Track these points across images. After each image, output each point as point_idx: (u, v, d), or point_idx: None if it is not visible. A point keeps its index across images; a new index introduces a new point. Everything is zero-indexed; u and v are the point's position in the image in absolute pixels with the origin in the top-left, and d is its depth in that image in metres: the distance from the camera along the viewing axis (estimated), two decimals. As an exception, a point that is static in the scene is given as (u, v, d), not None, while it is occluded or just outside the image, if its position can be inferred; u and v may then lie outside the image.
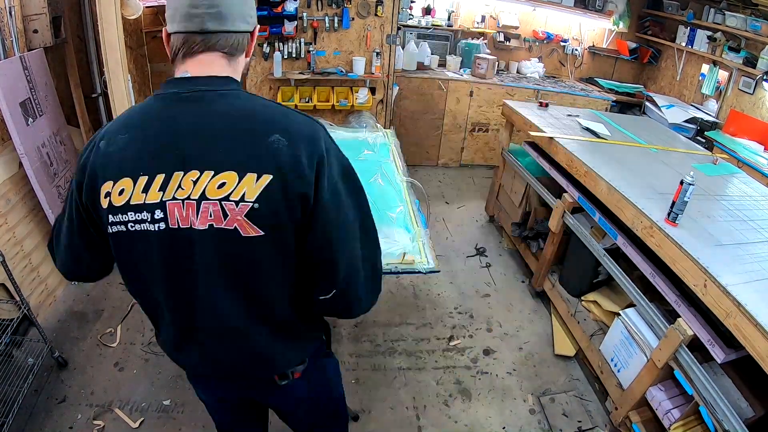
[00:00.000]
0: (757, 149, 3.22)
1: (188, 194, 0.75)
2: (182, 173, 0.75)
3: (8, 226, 2.12)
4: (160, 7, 3.87)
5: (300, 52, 3.42)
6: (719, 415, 1.45)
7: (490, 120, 4.25)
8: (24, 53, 2.21)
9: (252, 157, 0.75)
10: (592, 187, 2.16)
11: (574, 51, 4.60)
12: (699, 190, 1.94)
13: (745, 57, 3.40)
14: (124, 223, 0.78)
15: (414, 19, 4.28)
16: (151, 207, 0.76)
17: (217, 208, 0.75)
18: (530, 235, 2.91)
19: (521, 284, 2.94)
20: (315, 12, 3.32)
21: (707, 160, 2.57)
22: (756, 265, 1.58)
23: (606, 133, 2.67)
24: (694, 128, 3.66)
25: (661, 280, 1.76)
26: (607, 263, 2.07)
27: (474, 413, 2.06)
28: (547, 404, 2.13)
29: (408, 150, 3.97)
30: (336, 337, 2.38)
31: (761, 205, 2.07)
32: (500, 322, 2.61)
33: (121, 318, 2.36)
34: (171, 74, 0.86)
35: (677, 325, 1.60)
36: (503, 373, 2.28)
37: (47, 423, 1.82)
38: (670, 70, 4.36)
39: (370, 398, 2.07)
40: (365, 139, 2.41)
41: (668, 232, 1.68)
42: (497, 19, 4.41)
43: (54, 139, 2.44)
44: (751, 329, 1.32)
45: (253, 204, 0.74)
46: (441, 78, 4.04)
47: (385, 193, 1.93)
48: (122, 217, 0.78)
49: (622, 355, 1.96)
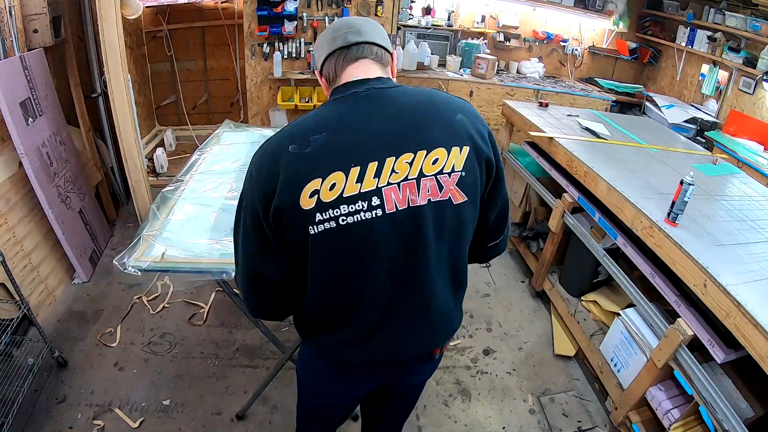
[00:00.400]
0: (757, 149, 3.22)
1: (405, 175, 0.83)
2: (395, 158, 0.82)
3: (8, 226, 2.12)
4: (160, 7, 3.87)
5: (300, 52, 3.43)
6: (719, 415, 1.45)
7: (490, 120, 4.24)
8: (24, 53, 2.22)
9: (451, 134, 0.86)
10: (592, 187, 2.16)
11: (574, 51, 4.59)
12: (699, 190, 1.94)
13: (745, 57, 3.40)
14: (335, 219, 0.82)
15: (414, 19, 4.28)
16: (367, 195, 0.81)
17: (433, 182, 0.84)
18: (530, 235, 2.91)
19: (521, 284, 2.94)
20: (315, 12, 3.32)
21: (707, 160, 2.57)
22: (756, 265, 1.58)
23: (606, 133, 2.67)
24: (694, 128, 3.66)
25: (661, 280, 1.76)
26: (607, 263, 2.07)
27: (474, 413, 2.06)
28: (547, 404, 2.13)
29: (408, 150, 3.98)
30: (336, 337, 2.38)
31: (761, 205, 2.07)
32: (500, 322, 2.61)
33: (121, 318, 2.36)
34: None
35: (677, 325, 1.60)
36: (503, 373, 2.28)
37: (47, 423, 1.82)
38: (670, 70, 4.36)
39: (370, 398, 2.07)
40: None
41: (668, 232, 1.68)
42: (497, 19, 4.41)
43: (54, 139, 2.44)
44: (751, 329, 1.32)
45: (461, 172, 0.86)
46: (441, 78, 4.04)
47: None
48: (333, 212, 0.81)
49: (621, 355, 1.96)
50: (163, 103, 4.27)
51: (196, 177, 1.97)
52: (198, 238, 1.58)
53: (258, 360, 2.19)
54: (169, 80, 4.19)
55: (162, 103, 4.26)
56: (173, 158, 3.89)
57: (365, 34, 0.92)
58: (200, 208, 1.76)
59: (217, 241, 1.57)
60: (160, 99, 4.24)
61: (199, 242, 1.56)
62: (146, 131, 4.03)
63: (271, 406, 1.98)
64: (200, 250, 1.51)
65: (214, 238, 1.58)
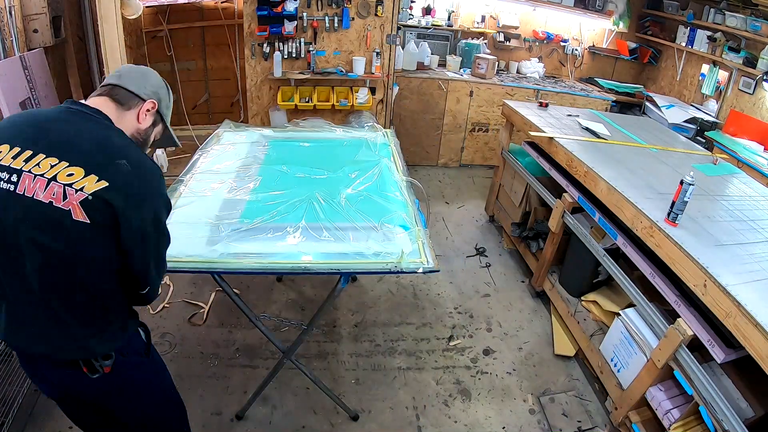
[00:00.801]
0: (757, 149, 3.22)
1: (43, 173, 0.94)
2: (44, 156, 0.95)
3: (8, 226, 2.12)
4: (160, 7, 3.87)
5: (300, 52, 3.42)
6: (719, 415, 1.45)
7: (490, 120, 4.25)
8: (24, 53, 2.22)
9: (99, 165, 0.96)
10: (592, 187, 2.16)
11: (574, 51, 4.59)
12: (699, 190, 1.94)
13: (745, 57, 3.40)
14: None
15: (414, 19, 4.28)
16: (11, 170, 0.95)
17: (61, 190, 0.93)
18: (530, 235, 2.91)
19: (521, 284, 2.94)
20: (315, 12, 3.32)
21: (707, 160, 2.57)
22: (756, 265, 1.58)
23: (606, 133, 2.67)
24: (694, 128, 3.66)
25: (661, 280, 1.76)
26: (607, 263, 2.07)
27: (474, 413, 2.06)
28: (547, 404, 2.13)
29: (408, 150, 3.97)
30: (335, 337, 2.38)
31: (761, 205, 2.07)
32: (500, 322, 2.61)
33: (121, 318, 2.36)
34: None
35: (677, 325, 1.60)
36: (503, 373, 2.28)
37: (47, 423, 1.82)
38: (670, 70, 4.36)
39: (370, 398, 2.07)
40: (365, 139, 2.41)
41: (668, 232, 1.68)
42: (497, 19, 4.41)
43: (54, 139, 2.43)
44: (751, 329, 1.32)
45: (89, 196, 0.94)
46: (441, 78, 4.04)
47: (385, 192, 1.93)
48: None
49: (621, 355, 1.96)
50: (163, 103, 4.27)
51: (197, 177, 1.97)
52: (198, 238, 1.58)
53: (258, 360, 2.19)
54: (169, 80, 4.10)
55: (162, 103, 4.26)
56: (173, 158, 3.88)
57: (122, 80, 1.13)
58: (200, 208, 1.76)
59: (216, 241, 1.56)
60: (160, 99, 4.24)
61: (199, 242, 1.56)
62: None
63: (271, 406, 1.98)
64: (200, 250, 1.51)
65: (213, 237, 1.58)
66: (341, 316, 2.53)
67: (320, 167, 2.07)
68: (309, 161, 2.13)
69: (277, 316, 2.43)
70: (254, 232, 1.60)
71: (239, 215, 1.68)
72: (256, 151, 2.26)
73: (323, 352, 2.28)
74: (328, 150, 2.36)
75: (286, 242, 1.56)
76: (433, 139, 4.29)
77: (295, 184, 1.93)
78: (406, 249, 1.54)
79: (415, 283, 2.82)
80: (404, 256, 1.49)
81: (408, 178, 2.05)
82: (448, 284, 2.86)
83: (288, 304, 2.57)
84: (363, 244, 1.56)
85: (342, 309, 2.57)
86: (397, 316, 2.56)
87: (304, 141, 2.47)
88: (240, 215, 1.69)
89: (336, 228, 1.63)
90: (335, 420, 1.95)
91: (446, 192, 4.00)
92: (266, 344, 2.24)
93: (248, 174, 1.99)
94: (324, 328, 2.42)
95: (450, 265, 3.04)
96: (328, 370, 2.19)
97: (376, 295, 2.71)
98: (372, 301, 2.65)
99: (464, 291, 2.83)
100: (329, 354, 2.28)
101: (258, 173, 2.01)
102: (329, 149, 2.37)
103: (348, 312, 2.56)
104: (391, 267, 1.47)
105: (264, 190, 1.87)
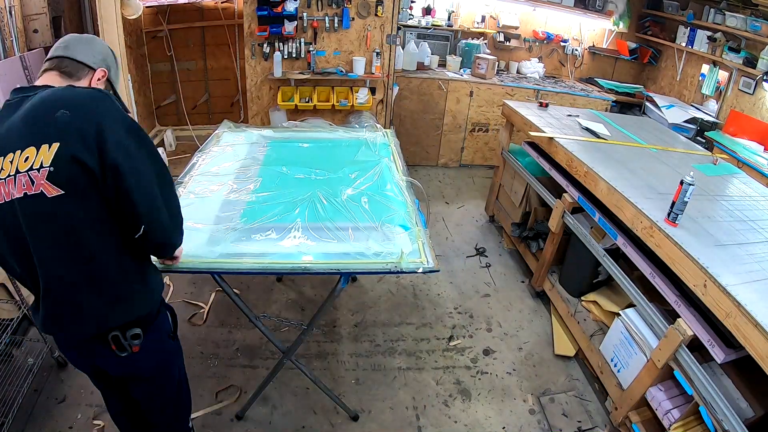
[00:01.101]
0: (757, 149, 3.22)
1: (8, 173, 0.95)
2: (2, 158, 0.96)
3: (8, 226, 2.12)
4: (160, 7, 3.87)
5: (300, 52, 3.42)
6: (719, 415, 1.45)
7: (490, 120, 4.25)
8: (24, 53, 2.22)
9: (43, 132, 0.94)
10: (592, 187, 2.16)
11: (574, 51, 4.59)
12: (699, 190, 1.94)
13: (745, 57, 3.40)
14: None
15: (414, 19, 4.28)
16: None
17: (27, 178, 0.94)
18: (530, 235, 2.91)
19: (521, 284, 2.94)
20: (315, 12, 3.32)
21: (707, 160, 2.57)
22: (756, 265, 1.58)
23: (606, 133, 2.67)
24: (694, 128, 3.66)
25: (661, 280, 1.76)
26: (607, 263, 2.07)
27: (474, 413, 2.06)
28: (547, 404, 2.13)
29: (408, 150, 3.98)
30: (335, 337, 2.38)
31: (761, 205, 2.07)
32: (500, 322, 2.61)
33: (121, 318, 2.36)
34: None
35: (677, 325, 1.60)
36: (503, 373, 2.28)
37: (47, 423, 1.82)
38: (670, 70, 4.36)
39: (370, 398, 2.07)
40: (365, 139, 2.41)
41: (668, 232, 1.68)
42: (497, 19, 4.41)
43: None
44: (751, 329, 1.32)
45: (50, 168, 0.93)
46: (441, 78, 4.04)
47: (385, 192, 1.93)
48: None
49: (621, 355, 1.96)
50: (163, 103, 4.27)
51: (196, 178, 1.97)
52: (198, 239, 1.58)
53: (258, 360, 2.19)
54: (169, 80, 4.19)
55: (162, 103, 4.26)
56: (173, 158, 3.89)
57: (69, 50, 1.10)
58: (200, 208, 1.76)
59: (216, 242, 1.56)
60: (160, 99, 4.24)
61: (199, 242, 1.56)
62: (146, 131, 4.02)
63: (271, 406, 1.98)
64: (200, 251, 1.51)
65: (213, 238, 1.58)
66: (341, 316, 2.53)
67: (320, 168, 2.07)
68: (309, 162, 2.13)
69: (277, 316, 2.43)
70: (254, 232, 1.60)
71: (239, 216, 1.69)
72: (256, 152, 2.26)
73: (323, 352, 2.29)
74: (328, 150, 2.36)
75: (286, 242, 1.56)
76: (433, 139, 4.29)
77: (295, 184, 1.93)
78: (406, 249, 1.54)
79: (415, 283, 2.82)
80: (404, 256, 1.49)
81: (408, 178, 2.05)
82: (448, 284, 2.87)
83: (288, 304, 2.57)
84: (363, 244, 1.56)
85: (342, 309, 2.57)
86: (397, 316, 2.56)
87: (304, 141, 2.47)
88: (240, 215, 1.69)
89: (336, 228, 1.64)
90: (335, 420, 1.95)
91: (446, 192, 4.01)
92: (266, 344, 2.24)
93: (248, 175, 1.99)
94: (324, 328, 2.42)
95: (450, 265, 3.04)
96: (328, 370, 2.19)
97: (376, 295, 2.71)
98: (372, 301, 2.66)
99: (464, 291, 2.83)
100: (329, 354, 2.28)
101: (258, 174, 2.01)
102: (329, 149, 2.37)
103: (348, 312, 2.56)
104: (391, 267, 1.47)
105: (264, 190, 1.87)
